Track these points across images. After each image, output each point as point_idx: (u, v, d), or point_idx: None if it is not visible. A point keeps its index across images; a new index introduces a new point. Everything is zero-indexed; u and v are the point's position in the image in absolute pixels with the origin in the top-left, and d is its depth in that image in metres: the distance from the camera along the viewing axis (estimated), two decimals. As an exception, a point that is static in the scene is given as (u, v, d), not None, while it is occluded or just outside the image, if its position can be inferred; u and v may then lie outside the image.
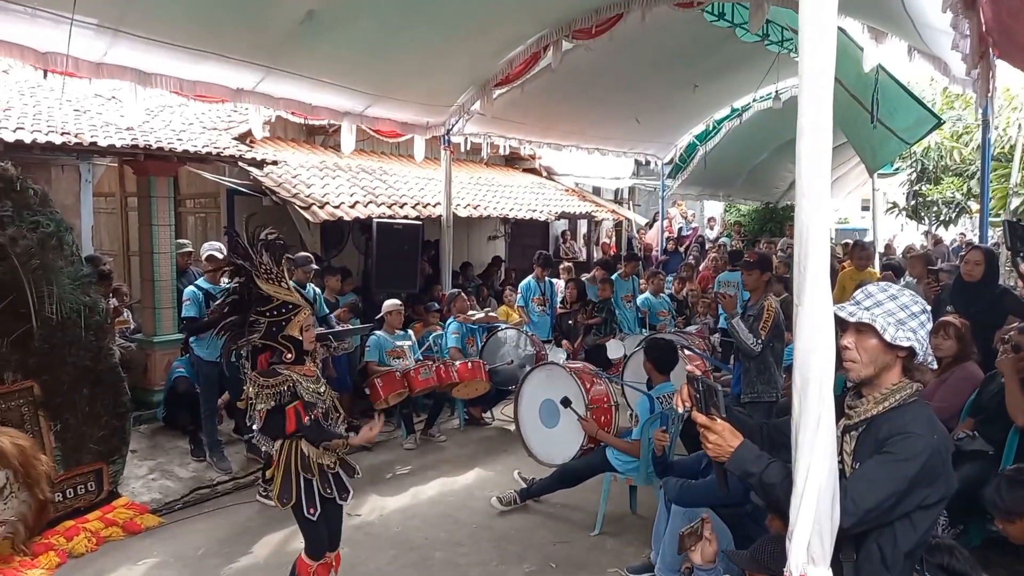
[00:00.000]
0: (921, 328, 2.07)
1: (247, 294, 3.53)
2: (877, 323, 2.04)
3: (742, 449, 2.10)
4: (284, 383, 3.45)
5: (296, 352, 3.54)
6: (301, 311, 3.54)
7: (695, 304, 10.10)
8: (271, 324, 3.49)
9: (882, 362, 2.09)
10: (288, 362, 3.52)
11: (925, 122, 7.85)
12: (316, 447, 3.53)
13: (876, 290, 2.14)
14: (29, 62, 5.21)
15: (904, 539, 2.03)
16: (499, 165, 13.79)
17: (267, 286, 3.51)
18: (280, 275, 3.56)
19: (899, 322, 2.05)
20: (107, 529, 4.93)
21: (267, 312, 3.49)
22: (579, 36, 7.34)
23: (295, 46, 6.17)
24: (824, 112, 1.76)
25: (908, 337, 2.04)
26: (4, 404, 4.63)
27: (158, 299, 6.95)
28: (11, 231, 4.68)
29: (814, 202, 1.78)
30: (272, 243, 3.59)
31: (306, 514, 3.50)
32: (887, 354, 2.08)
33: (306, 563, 3.64)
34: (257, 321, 3.49)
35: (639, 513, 5.28)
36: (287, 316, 3.50)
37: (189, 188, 9.53)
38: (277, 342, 3.51)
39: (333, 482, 3.63)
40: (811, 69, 1.78)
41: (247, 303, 3.53)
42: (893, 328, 2.04)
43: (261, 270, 3.50)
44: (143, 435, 6.39)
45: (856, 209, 24.59)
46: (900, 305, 2.08)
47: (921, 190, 14.95)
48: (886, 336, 2.03)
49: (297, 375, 3.51)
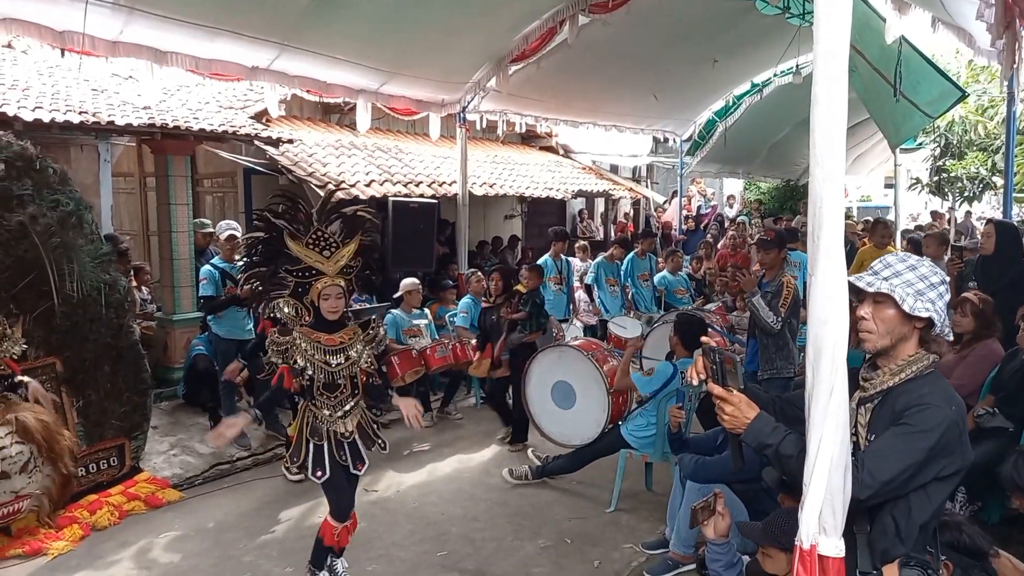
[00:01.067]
0: (940, 299, 2.05)
1: (276, 250, 3.61)
2: (896, 293, 2.02)
3: (758, 421, 2.08)
4: (288, 343, 3.58)
5: (316, 317, 3.64)
6: (322, 278, 3.58)
7: (712, 283, 10.04)
8: (297, 284, 3.61)
9: (899, 333, 2.07)
10: (307, 324, 3.63)
11: (949, 95, 7.66)
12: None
13: (895, 260, 2.12)
14: (47, 41, 5.23)
15: (919, 511, 2.01)
16: (515, 143, 13.72)
17: (297, 247, 3.56)
18: (317, 242, 3.60)
19: (918, 292, 2.03)
20: (129, 503, 5.03)
21: (295, 272, 3.59)
22: (595, 10, 7.24)
23: (309, 22, 6.14)
24: (839, 79, 1.73)
25: (927, 308, 2.01)
26: (28, 380, 4.70)
27: (177, 278, 7.01)
28: (31, 210, 4.74)
29: (828, 171, 1.76)
30: (352, 217, 3.72)
31: (310, 476, 3.63)
32: (905, 325, 2.05)
33: (331, 524, 3.77)
34: (285, 278, 3.62)
35: (654, 490, 5.29)
36: (310, 280, 3.59)
37: (207, 167, 9.57)
38: (302, 302, 3.63)
39: (349, 450, 3.70)
40: (827, 33, 1.74)
41: (275, 257, 3.62)
42: (912, 299, 2.01)
43: (297, 231, 3.57)
44: (164, 411, 6.48)
45: (879, 186, 24.20)
46: (919, 276, 2.05)
47: (945, 165, 14.65)
48: (904, 306, 2.01)
49: (307, 341, 3.59)
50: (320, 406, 3.66)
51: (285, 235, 3.56)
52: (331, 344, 3.64)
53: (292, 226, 3.57)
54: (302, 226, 3.60)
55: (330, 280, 3.59)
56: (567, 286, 8.88)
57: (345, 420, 3.70)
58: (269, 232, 3.61)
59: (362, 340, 3.77)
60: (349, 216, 3.75)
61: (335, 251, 3.63)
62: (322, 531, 3.82)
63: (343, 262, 3.66)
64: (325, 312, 3.62)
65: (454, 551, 4.50)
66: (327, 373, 3.63)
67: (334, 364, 3.64)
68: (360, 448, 3.76)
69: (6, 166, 4.65)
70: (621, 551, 4.50)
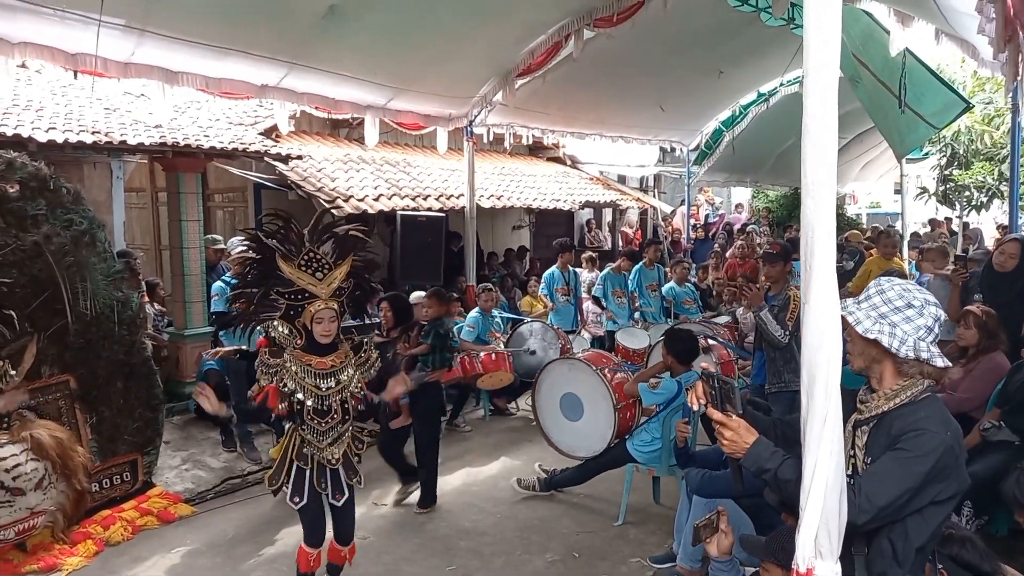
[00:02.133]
0: (905, 322, 2.06)
1: (268, 271, 3.53)
2: (852, 316, 2.08)
3: (757, 446, 2.12)
4: (278, 366, 3.50)
5: (307, 340, 3.55)
6: (315, 301, 3.49)
7: (720, 293, 10.04)
8: (289, 307, 3.51)
9: (869, 355, 2.12)
10: (299, 347, 3.55)
11: (954, 106, 7.69)
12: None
13: (873, 285, 2.17)
14: (60, 64, 5.32)
15: (916, 534, 2.04)
16: (523, 154, 13.79)
17: (289, 268, 3.48)
18: (310, 263, 3.52)
19: (880, 316, 2.08)
20: (142, 518, 5.09)
21: (287, 294, 3.49)
22: (600, 24, 7.29)
23: (317, 41, 6.23)
24: (829, 113, 1.77)
25: (880, 330, 2.05)
26: (42, 397, 4.78)
27: (188, 293, 7.10)
28: (45, 229, 4.81)
29: (818, 201, 1.79)
30: (344, 236, 3.64)
31: (288, 502, 3.59)
32: (870, 347, 2.10)
33: (305, 551, 3.72)
34: (276, 300, 3.51)
35: (663, 503, 5.31)
36: (302, 303, 3.49)
37: (217, 183, 9.69)
38: (295, 325, 3.53)
39: (330, 479, 3.64)
40: (816, 64, 1.78)
41: (267, 278, 3.53)
42: (869, 321, 2.07)
43: (288, 252, 3.49)
44: (176, 426, 6.55)
45: (889, 192, 24.12)
46: (884, 299, 2.10)
47: (952, 175, 14.61)
48: (859, 328, 2.08)
49: (298, 364, 3.51)
50: (309, 431, 3.56)
51: (277, 256, 3.49)
52: (322, 368, 3.55)
53: (284, 246, 3.50)
54: (294, 246, 3.52)
55: (323, 304, 3.50)
56: (575, 297, 8.92)
57: (333, 447, 3.61)
58: (261, 252, 3.54)
59: (353, 364, 3.68)
60: (341, 236, 3.68)
61: (328, 273, 3.54)
62: (297, 559, 3.77)
63: (336, 284, 3.57)
64: (318, 336, 3.52)
65: (462, 565, 4.53)
66: (317, 398, 3.53)
67: (324, 388, 3.55)
68: (341, 477, 3.68)
69: (20, 187, 4.72)
70: (629, 565, 4.52)
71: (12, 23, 4.87)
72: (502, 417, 7.74)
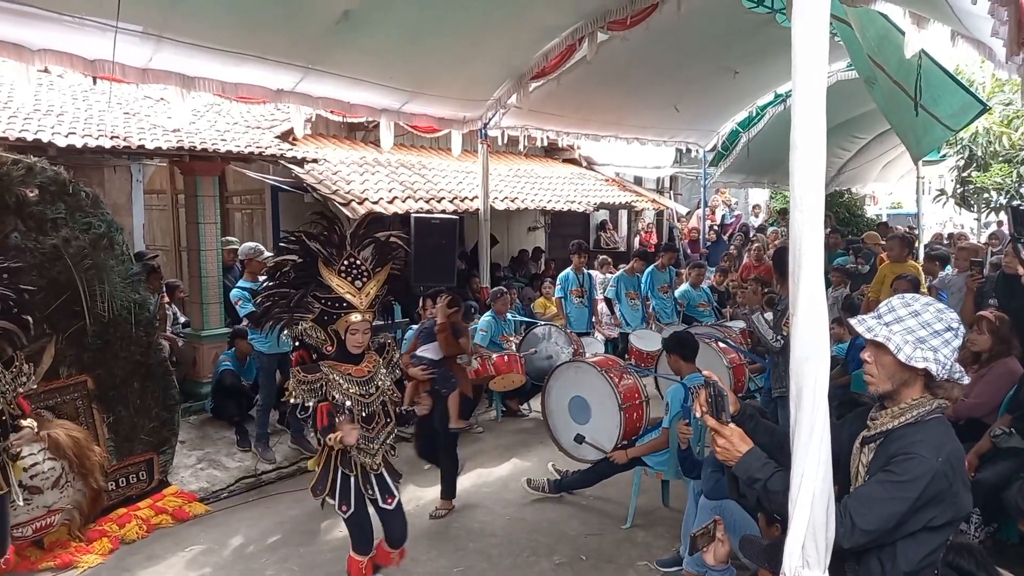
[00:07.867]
0: (945, 346, 2.00)
1: (308, 275, 3.51)
2: (892, 342, 1.99)
3: (749, 456, 2.13)
4: (319, 380, 3.46)
5: (338, 347, 3.54)
6: (353, 312, 3.48)
7: (735, 295, 10.00)
8: (323, 313, 3.48)
9: (900, 379, 2.04)
10: (329, 355, 3.53)
11: (971, 108, 7.60)
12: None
13: (899, 304, 2.07)
14: (78, 70, 5.41)
15: (905, 559, 2.00)
16: (538, 156, 13.80)
17: (329, 274, 3.47)
18: (350, 270, 3.51)
19: (919, 340, 1.99)
20: (157, 516, 5.18)
21: (324, 300, 3.46)
22: (614, 27, 7.28)
23: (332, 46, 6.29)
24: (817, 126, 1.78)
25: (926, 357, 1.97)
26: (60, 398, 4.89)
27: (205, 294, 7.21)
28: (64, 232, 4.93)
29: (807, 215, 1.80)
30: (384, 243, 3.67)
31: (337, 511, 3.58)
32: (905, 371, 2.02)
33: (355, 559, 3.71)
34: (312, 304, 3.47)
35: (671, 506, 5.31)
36: (339, 312, 3.48)
37: (235, 186, 9.80)
38: (326, 330, 3.50)
39: (376, 483, 3.66)
40: (804, 81, 1.80)
41: (306, 282, 3.50)
42: (910, 347, 1.98)
43: (331, 255, 3.48)
44: (192, 426, 6.65)
45: (911, 192, 23.82)
46: (922, 323, 2.00)
47: (970, 176, 14.41)
48: (900, 356, 1.98)
49: (338, 374, 3.49)
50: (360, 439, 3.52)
51: (319, 261, 3.48)
52: (360, 375, 3.56)
53: (326, 250, 3.49)
54: (335, 249, 3.52)
55: (360, 316, 3.49)
56: (589, 299, 8.93)
57: (375, 453, 3.62)
58: (304, 256, 3.51)
59: (383, 366, 3.70)
60: (382, 242, 3.70)
61: (366, 282, 3.53)
62: (348, 568, 3.74)
63: (372, 294, 3.56)
64: (351, 346, 3.52)
65: (471, 566, 4.57)
66: (363, 404, 3.55)
67: (367, 395, 3.56)
68: (388, 481, 3.70)
69: (40, 191, 4.83)
70: (636, 568, 4.54)
71: (32, 30, 4.96)
72: (514, 418, 7.78)
